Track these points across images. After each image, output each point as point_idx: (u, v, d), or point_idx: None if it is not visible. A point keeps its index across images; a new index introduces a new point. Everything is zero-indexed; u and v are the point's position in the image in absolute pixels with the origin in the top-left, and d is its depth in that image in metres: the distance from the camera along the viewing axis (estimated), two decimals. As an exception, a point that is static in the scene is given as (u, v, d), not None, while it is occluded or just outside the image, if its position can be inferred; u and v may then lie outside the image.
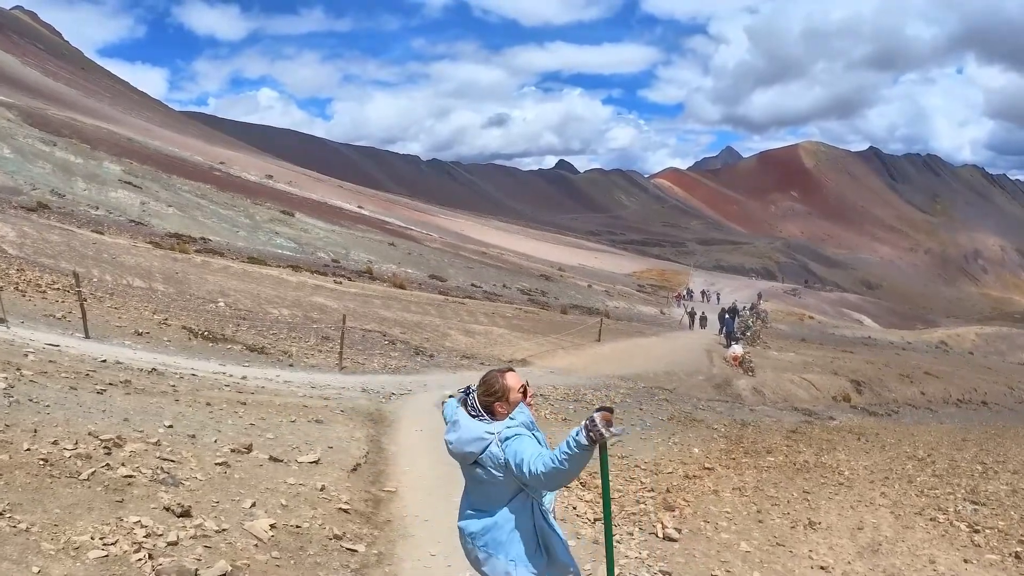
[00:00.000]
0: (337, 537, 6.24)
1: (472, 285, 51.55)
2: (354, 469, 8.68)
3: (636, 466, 13.21)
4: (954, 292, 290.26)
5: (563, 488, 10.67)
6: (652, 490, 11.42)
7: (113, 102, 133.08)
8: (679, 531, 9.21)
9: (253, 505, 6.47)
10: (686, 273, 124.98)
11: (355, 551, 6.09)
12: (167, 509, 5.86)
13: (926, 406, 32.40)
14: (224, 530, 5.74)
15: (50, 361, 11.89)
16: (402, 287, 39.40)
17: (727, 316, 41.13)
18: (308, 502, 6.96)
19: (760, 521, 10.88)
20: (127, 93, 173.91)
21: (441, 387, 18.37)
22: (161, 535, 5.38)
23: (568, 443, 3.56)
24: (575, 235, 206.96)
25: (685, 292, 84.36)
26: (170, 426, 8.86)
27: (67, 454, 6.73)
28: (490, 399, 3.99)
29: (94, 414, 8.71)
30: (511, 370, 4.12)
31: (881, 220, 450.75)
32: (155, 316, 20.82)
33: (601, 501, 9.29)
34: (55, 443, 6.98)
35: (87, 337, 16.44)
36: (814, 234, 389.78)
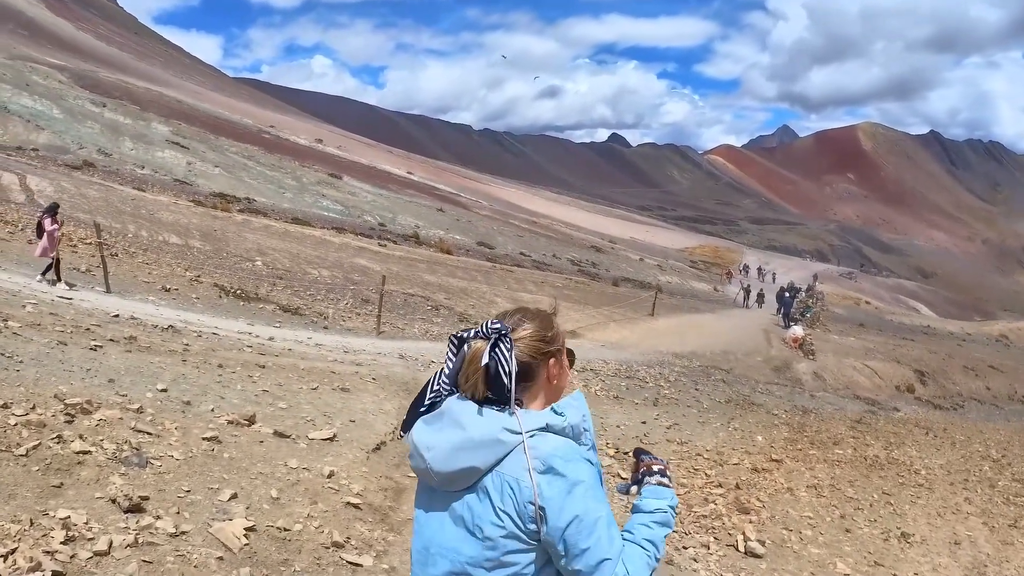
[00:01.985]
0: (337, 545, 4.74)
1: (521, 254, 50.00)
2: (376, 448, 7.20)
3: (698, 455, 11.86)
4: (1011, 284, 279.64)
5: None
6: (720, 485, 9.94)
7: (165, 66, 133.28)
8: (763, 544, 7.63)
9: (233, 497, 5.02)
10: (739, 251, 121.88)
11: (358, 566, 4.57)
12: (113, 501, 4.44)
13: (991, 401, 30.54)
14: (182, 534, 4.29)
15: (51, 314, 10.65)
16: (449, 253, 37.97)
17: (786, 295, 39.14)
18: (308, 493, 5.50)
19: (847, 531, 9.51)
20: (180, 58, 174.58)
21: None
22: (90, 539, 3.95)
23: (664, 516, 2.08)
24: (626, 208, 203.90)
25: (741, 268, 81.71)
26: (163, 390, 7.48)
27: (13, 421, 5.37)
28: (543, 352, 2.04)
29: (74, 373, 7.38)
30: None
31: (939, 207, 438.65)
32: (187, 273, 19.75)
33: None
34: (4, 407, 5.63)
35: (108, 291, 15.37)
36: (869, 218, 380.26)
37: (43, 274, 14.71)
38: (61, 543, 3.78)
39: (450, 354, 2.06)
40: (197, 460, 5.62)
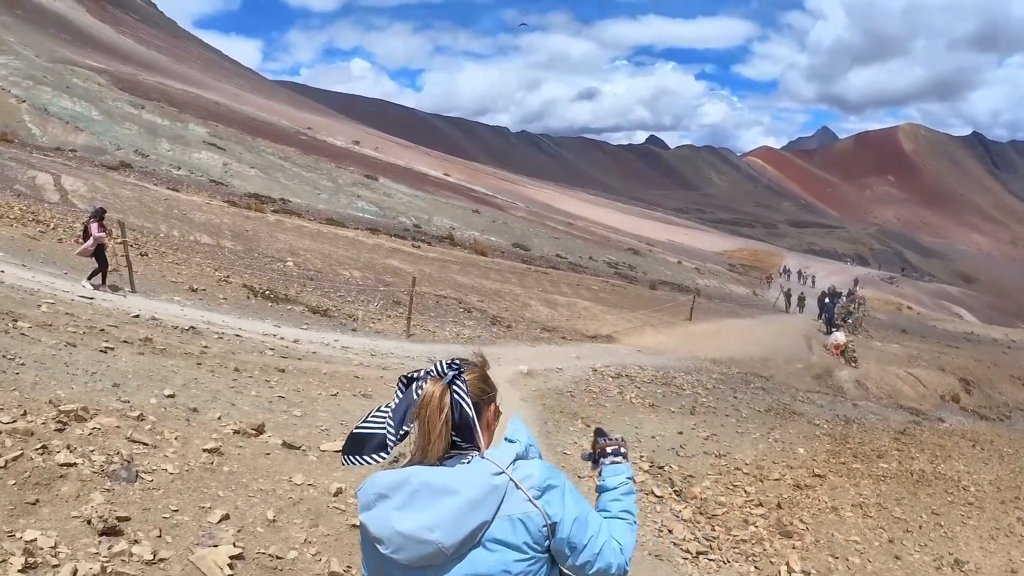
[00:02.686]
0: (335, 576, 4.24)
1: (557, 256, 49.39)
2: (394, 462, 6.68)
3: (737, 469, 11.25)
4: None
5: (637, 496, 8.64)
6: (760, 504, 9.30)
7: (204, 69, 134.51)
8: (807, 575, 6.98)
9: (224, 519, 4.55)
10: (779, 254, 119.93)
11: (358, 604, 4.09)
12: (88, 522, 3.99)
13: (1039, 412, 29.17)
14: (159, 561, 3.83)
15: (66, 314, 10.32)
16: (483, 254, 37.49)
17: (827, 300, 38.08)
18: (309, 514, 5.02)
19: (897, 557, 8.83)
20: (219, 61, 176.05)
21: (518, 361, 16.48)
22: (54, 566, 3.52)
23: (627, 487, 2.41)
24: (664, 211, 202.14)
25: (782, 271, 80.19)
26: (171, 396, 7.07)
27: (-2, 429, 4.95)
28: (486, 394, 2.13)
29: (77, 377, 6.99)
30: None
31: (981, 209, 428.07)
32: (216, 273, 19.51)
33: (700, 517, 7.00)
34: (-9, 413, 5.22)
35: (132, 291, 15.10)
36: (910, 221, 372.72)
37: (89, 278, 14.59)
38: (19, 572, 3.33)
39: (398, 392, 2.09)
40: (193, 474, 5.17)
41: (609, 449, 2.45)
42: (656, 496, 8.20)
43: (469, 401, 1.99)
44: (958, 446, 17.04)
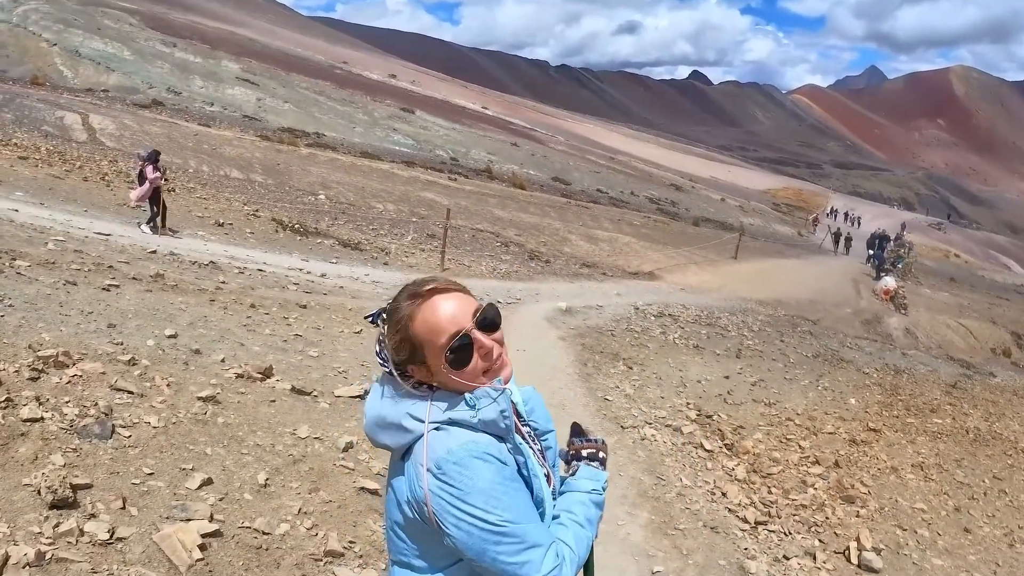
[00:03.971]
0: (332, 555, 3.53)
1: (598, 190, 48.17)
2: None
3: (788, 420, 10.54)
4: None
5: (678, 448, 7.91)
6: (817, 462, 8.55)
7: (237, 6, 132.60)
8: (878, 552, 6.18)
9: (206, 484, 3.86)
10: (825, 195, 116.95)
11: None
12: (38, 492, 3.31)
13: (1092, 370, 27.95)
14: (116, 541, 3.15)
15: (75, 251, 9.71)
16: (522, 188, 36.49)
17: (877, 244, 36.68)
18: (310, 475, 4.32)
19: (967, 531, 8.08)
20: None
21: (556, 297, 15.77)
22: (-19, 553, 2.82)
23: (599, 496, 1.98)
24: (706, 147, 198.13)
25: (829, 212, 78.17)
26: (172, 336, 6.41)
27: (-41, 378, 4.31)
28: (400, 354, 1.78)
29: (70, 318, 6.35)
30: (459, 290, 1.86)
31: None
32: (245, 207, 18.95)
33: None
34: (-44, 360, 4.59)
35: (159, 228, 14.55)
36: (958, 167, 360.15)
37: (148, 223, 14.24)
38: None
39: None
40: (180, 428, 4.50)
41: (584, 453, 2.06)
42: (706, 450, 7.43)
43: (387, 356, 1.78)
44: (1011, 403, 16.07)
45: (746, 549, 5.46)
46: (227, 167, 24.29)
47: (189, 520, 3.38)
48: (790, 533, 6.08)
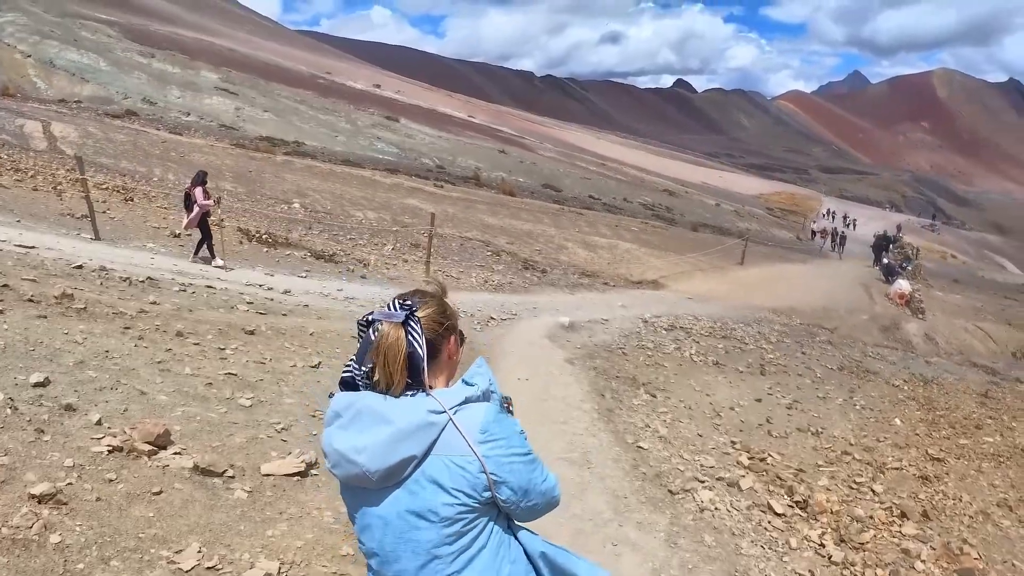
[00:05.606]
0: None
1: (590, 197, 46.34)
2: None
3: (845, 453, 9.27)
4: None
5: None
6: (904, 515, 6.81)
7: (220, 19, 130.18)
8: None
9: None
10: (818, 199, 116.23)
11: None
12: None
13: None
14: None
15: (-30, 265, 7.81)
16: (511, 194, 34.60)
17: (882, 245, 35.15)
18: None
19: None
20: (235, 12, 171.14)
21: (556, 311, 13.99)
22: None
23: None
24: (694, 154, 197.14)
25: (826, 212, 77.48)
26: (40, 384, 4.52)
27: None
28: (444, 327, 2.06)
29: None
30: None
31: (1017, 159, 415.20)
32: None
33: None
34: None
35: (96, 239, 12.70)
36: (943, 168, 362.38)
37: (196, 253, 12.88)
38: None
39: (360, 334, 2.05)
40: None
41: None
42: (776, 514, 5.56)
43: (422, 341, 1.96)
44: (1048, 413, 15.02)
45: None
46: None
47: None
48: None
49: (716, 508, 5.42)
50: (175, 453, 3.94)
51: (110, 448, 3.78)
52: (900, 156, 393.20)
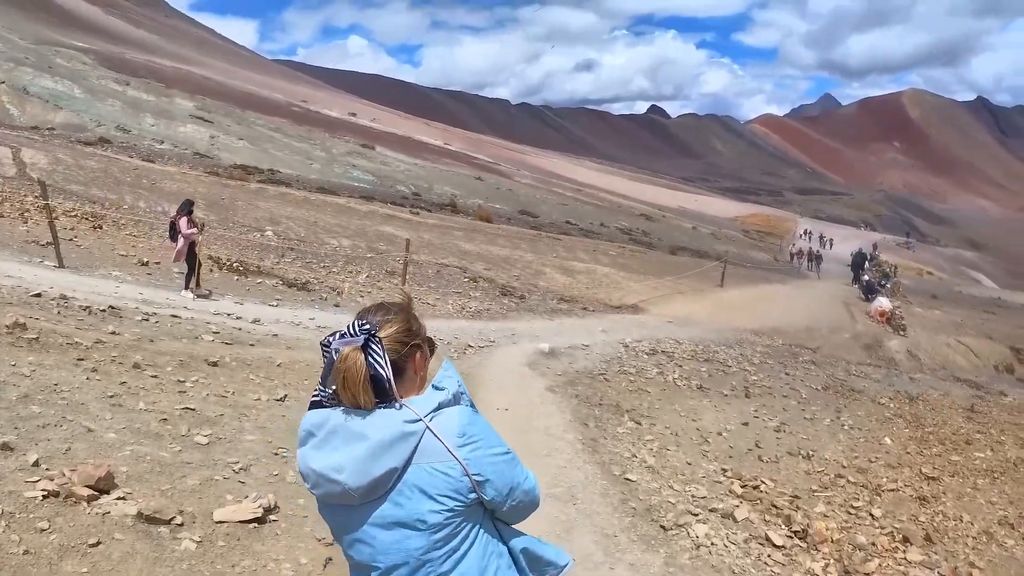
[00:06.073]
0: None
1: (567, 222, 46.26)
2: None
3: (839, 476, 9.20)
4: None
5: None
6: (907, 540, 6.58)
7: (197, 49, 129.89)
8: None
9: None
10: (793, 220, 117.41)
11: None
12: None
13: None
14: None
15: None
16: (488, 220, 34.38)
17: (860, 263, 35.33)
18: None
19: None
20: (212, 40, 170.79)
21: (535, 337, 13.69)
22: None
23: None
24: (670, 179, 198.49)
25: (803, 233, 78.16)
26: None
27: None
28: (409, 346, 2.01)
29: None
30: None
31: (988, 176, 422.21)
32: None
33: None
34: None
35: (60, 267, 12.28)
36: (917, 187, 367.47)
37: (187, 286, 12.40)
38: None
39: (324, 355, 2.02)
40: None
41: None
42: (776, 546, 5.25)
43: (385, 362, 1.93)
44: (1032, 424, 15.53)
45: None
46: (165, 202, 21.97)
47: None
48: None
49: (712, 543, 5.10)
50: (118, 498, 3.57)
51: (45, 493, 3.41)
52: (873, 176, 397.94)
